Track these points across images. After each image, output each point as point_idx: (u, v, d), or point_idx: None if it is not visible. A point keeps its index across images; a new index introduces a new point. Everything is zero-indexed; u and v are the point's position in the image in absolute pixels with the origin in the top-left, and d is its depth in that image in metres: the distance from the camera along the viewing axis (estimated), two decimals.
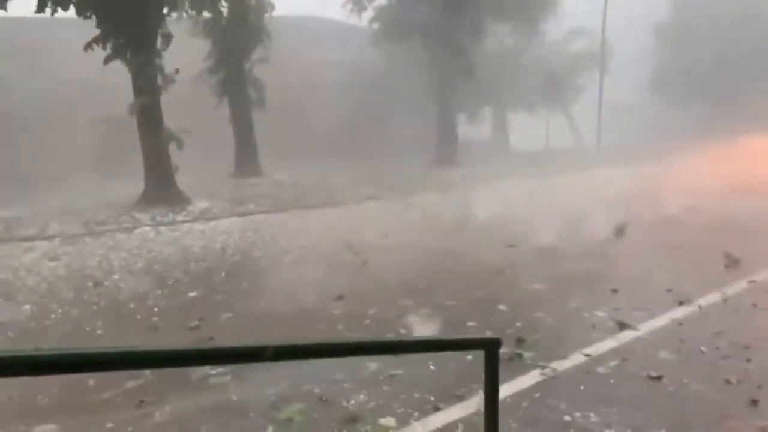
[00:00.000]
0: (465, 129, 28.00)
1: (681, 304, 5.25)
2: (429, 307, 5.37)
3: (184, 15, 16.19)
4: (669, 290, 5.60)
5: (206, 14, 17.84)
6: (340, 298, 5.75)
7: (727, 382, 3.69)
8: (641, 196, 12.16)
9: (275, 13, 20.09)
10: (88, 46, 12.76)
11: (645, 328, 4.70)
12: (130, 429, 3.38)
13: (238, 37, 18.93)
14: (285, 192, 14.27)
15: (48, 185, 15.87)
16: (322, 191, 14.78)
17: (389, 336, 4.68)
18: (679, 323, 4.79)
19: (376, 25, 25.36)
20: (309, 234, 9.82)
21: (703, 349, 4.23)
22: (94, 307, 5.89)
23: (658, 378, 3.75)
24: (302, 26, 24.46)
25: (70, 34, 14.25)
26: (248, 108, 19.60)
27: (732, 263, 6.55)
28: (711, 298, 5.38)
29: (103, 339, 4.98)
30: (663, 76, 37.43)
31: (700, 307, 5.16)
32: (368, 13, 25.39)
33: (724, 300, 5.35)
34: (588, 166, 20.61)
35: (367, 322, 5.14)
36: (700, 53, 34.02)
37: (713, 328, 4.59)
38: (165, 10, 13.65)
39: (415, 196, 13.69)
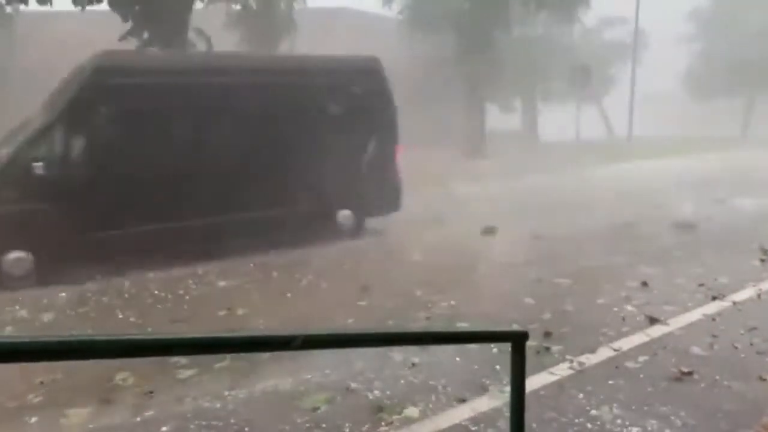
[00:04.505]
0: (494, 120, 27.64)
1: None
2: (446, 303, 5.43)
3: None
4: None
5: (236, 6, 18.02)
6: (365, 289, 5.80)
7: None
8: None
9: (309, 5, 20.02)
10: (123, 38, 12.97)
11: None
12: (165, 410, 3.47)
13: (267, 27, 19.01)
14: None
15: None
16: None
17: (415, 327, 4.70)
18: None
19: (403, 16, 25.09)
20: None
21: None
22: (126, 295, 6.04)
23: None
24: (335, 18, 24.35)
25: (100, 27, 14.50)
26: None
27: None
28: None
29: (137, 326, 5.10)
30: (696, 67, 36.16)
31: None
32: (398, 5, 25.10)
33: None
34: (620, 159, 20.23)
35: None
36: (739, 42, 32.52)
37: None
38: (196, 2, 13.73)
39: (440, 188, 13.59)
